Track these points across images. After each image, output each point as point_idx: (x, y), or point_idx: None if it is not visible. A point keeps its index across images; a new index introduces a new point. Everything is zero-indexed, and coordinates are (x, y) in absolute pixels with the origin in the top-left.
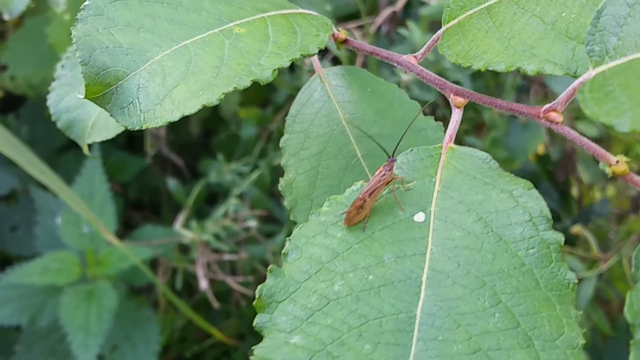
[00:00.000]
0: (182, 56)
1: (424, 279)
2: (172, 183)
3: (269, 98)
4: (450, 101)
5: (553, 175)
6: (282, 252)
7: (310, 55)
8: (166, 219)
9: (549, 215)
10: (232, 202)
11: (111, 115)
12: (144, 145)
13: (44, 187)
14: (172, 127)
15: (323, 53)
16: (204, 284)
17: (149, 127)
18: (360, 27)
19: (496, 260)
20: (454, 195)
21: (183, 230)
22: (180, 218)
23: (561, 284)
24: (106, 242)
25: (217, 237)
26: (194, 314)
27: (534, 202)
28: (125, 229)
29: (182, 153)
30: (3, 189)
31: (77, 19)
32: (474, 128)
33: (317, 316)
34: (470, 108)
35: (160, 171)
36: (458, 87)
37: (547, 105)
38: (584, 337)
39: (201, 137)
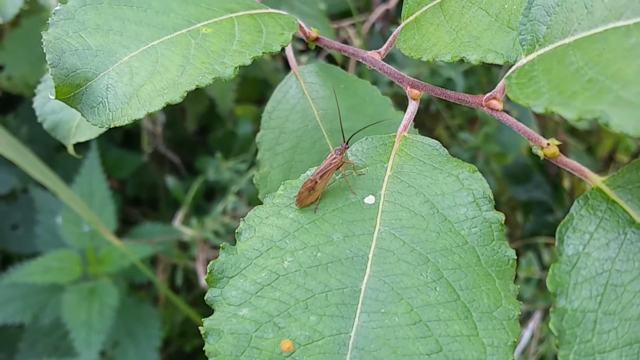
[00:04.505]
0: (149, 56)
1: (370, 256)
2: (170, 181)
3: (265, 95)
4: (407, 93)
5: (545, 168)
6: (236, 231)
7: (273, 53)
8: (164, 215)
9: (491, 196)
10: (230, 200)
11: (82, 115)
12: (141, 142)
13: (44, 186)
14: (169, 124)
15: (318, 51)
16: (204, 280)
17: (116, 125)
18: (354, 25)
19: (440, 239)
20: (404, 180)
21: (182, 227)
22: (180, 215)
23: (501, 260)
24: (107, 240)
25: (216, 234)
26: (193, 309)
27: (478, 184)
28: (124, 226)
29: (179, 150)
30: (3, 188)
31: (48, 23)
32: (467, 122)
33: (266, 290)
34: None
35: (158, 168)
36: (414, 80)
37: (488, 94)
38: (519, 310)
39: (197, 134)
